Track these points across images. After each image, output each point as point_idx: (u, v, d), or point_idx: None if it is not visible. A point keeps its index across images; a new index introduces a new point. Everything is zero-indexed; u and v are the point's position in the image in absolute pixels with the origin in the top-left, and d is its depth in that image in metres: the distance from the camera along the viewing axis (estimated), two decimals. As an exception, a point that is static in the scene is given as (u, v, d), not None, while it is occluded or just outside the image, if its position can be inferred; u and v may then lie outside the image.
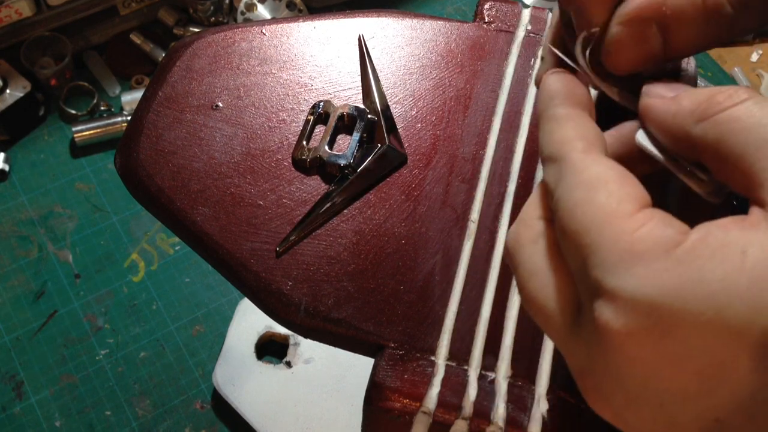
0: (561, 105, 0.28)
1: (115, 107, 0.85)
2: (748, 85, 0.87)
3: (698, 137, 0.24)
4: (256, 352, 0.67)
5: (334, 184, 0.42)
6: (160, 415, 0.66)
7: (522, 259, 0.27)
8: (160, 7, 0.89)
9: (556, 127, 0.27)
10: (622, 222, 0.23)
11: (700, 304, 0.20)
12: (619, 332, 0.22)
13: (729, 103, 0.23)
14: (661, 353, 0.21)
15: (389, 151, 0.43)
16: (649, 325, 0.21)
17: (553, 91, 0.28)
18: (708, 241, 0.21)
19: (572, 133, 0.26)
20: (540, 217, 0.27)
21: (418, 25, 0.48)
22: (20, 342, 0.69)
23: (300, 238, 0.40)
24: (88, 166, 0.80)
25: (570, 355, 0.25)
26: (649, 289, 0.21)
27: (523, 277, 0.26)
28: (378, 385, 0.36)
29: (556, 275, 0.25)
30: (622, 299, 0.22)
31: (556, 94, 0.28)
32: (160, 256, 0.74)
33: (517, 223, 0.28)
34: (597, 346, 0.23)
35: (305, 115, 0.44)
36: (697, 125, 0.24)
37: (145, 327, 0.70)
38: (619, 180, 0.24)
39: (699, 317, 0.20)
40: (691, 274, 0.21)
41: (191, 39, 0.47)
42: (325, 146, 0.42)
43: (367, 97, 0.45)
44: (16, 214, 0.76)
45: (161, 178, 0.42)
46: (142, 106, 0.44)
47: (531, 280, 0.26)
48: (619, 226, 0.23)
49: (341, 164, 0.42)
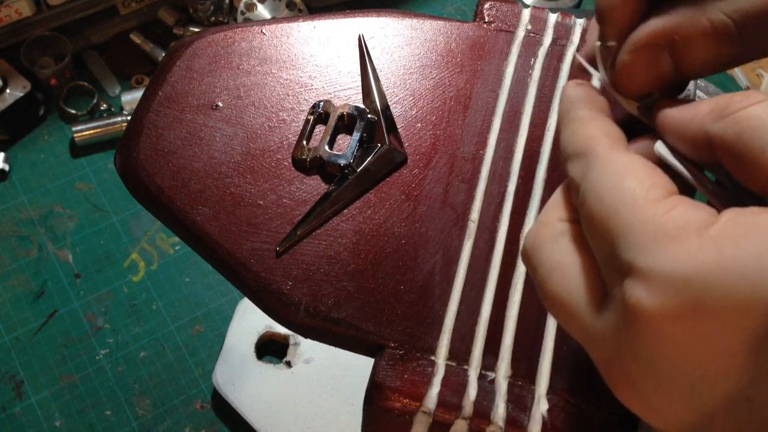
0: (583, 108, 0.29)
1: (115, 107, 0.85)
2: (749, 85, 0.87)
3: (717, 136, 0.25)
4: (256, 351, 0.67)
5: (334, 183, 0.42)
6: (160, 415, 0.66)
7: (542, 257, 0.27)
8: (160, 6, 0.89)
9: (580, 127, 0.28)
10: (652, 205, 0.23)
11: (735, 281, 0.20)
12: (652, 312, 0.21)
13: (747, 102, 0.24)
14: (695, 332, 0.21)
15: (389, 150, 0.43)
16: (682, 303, 0.21)
17: (575, 97, 0.29)
18: (740, 221, 0.21)
19: (597, 131, 0.27)
20: (561, 219, 0.27)
21: (418, 24, 0.48)
22: (20, 342, 0.69)
23: (300, 237, 0.40)
24: (88, 165, 0.80)
25: (595, 347, 0.25)
26: (683, 267, 0.21)
27: (543, 275, 0.26)
28: (378, 384, 0.36)
29: (578, 267, 0.25)
30: (656, 278, 0.21)
31: (578, 100, 0.29)
32: (160, 256, 0.74)
33: (536, 225, 0.28)
34: (626, 330, 0.23)
35: (305, 114, 0.44)
36: (715, 124, 0.25)
37: (145, 327, 0.70)
38: (646, 170, 0.25)
39: (735, 294, 0.20)
40: (726, 252, 0.21)
41: (191, 39, 0.47)
42: (325, 146, 0.42)
43: (367, 96, 0.45)
44: (16, 214, 0.76)
45: (161, 178, 0.42)
46: (142, 105, 0.44)
47: (552, 276, 0.26)
48: (650, 209, 0.23)
49: (341, 164, 0.42)
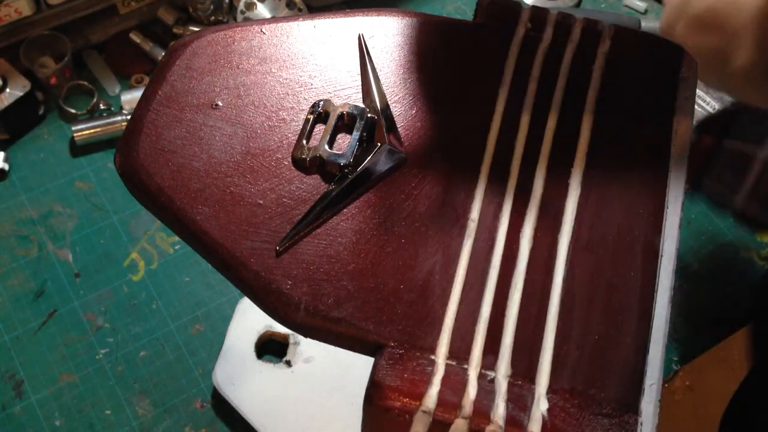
0: None
1: (114, 106, 0.85)
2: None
3: None
4: (256, 351, 0.67)
5: (334, 183, 0.42)
6: (160, 414, 0.66)
7: None
8: (160, 6, 0.88)
9: None
10: None
11: None
12: None
13: None
14: None
15: (389, 150, 0.43)
16: None
17: None
18: None
19: None
20: None
21: (418, 24, 0.48)
22: (20, 341, 0.69)
23: (300, 237, 0.40)
24: (87, 165, 0.80)
25: None
26: None
27: None
28: (378, 384, 0.36)
29: None
30: None
31: None
32: (160, 256, 0.74)
33: None
34: None
35: (305, 114, 0.44)
36: None
37: (145, 326, 0.70)
38: None
39: None
40: None
41: (191, 38, 0.47)
42: (325, 145, 0.42)
43: (366, 96, 0.45)
44: (15, 213, 0.76)
45: (161, 177, 0.42)
46: (142, 105, 0.44)
47: None
48: None
49: (341, 163, 0.42)
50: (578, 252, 0.40)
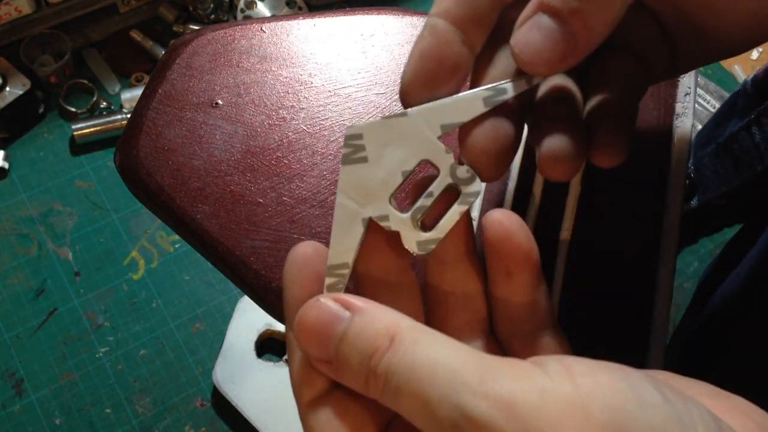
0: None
1: (114, 105, 0.85)
2: (748, 81, 0.86)
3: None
4: (256, 349, 0.67)
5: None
6: (160, 413, 0.66)
7: None
8: (160, 4, 0.88)
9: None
10: None
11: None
12: None
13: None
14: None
15: (389, 148, 0.43)
16: None
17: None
18: None
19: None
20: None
21: (418, 22, 0.48)
22: (20, 340, 0.69)
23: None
24: (87, 163, 0.80)
25: None
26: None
27: None
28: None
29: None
30: None
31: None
32: (160, 254, 0.74)
33: None
34: None
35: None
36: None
37: (145, 325, 0.70)
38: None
39: None
40: None
41: (191, 36, 0.47)
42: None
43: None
44: (15, 212, 0.76)
45: (161, 176, 0.42)
46: (142, 103, 0.44)
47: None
48: None
49: (341, 162, 0.42)
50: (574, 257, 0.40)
